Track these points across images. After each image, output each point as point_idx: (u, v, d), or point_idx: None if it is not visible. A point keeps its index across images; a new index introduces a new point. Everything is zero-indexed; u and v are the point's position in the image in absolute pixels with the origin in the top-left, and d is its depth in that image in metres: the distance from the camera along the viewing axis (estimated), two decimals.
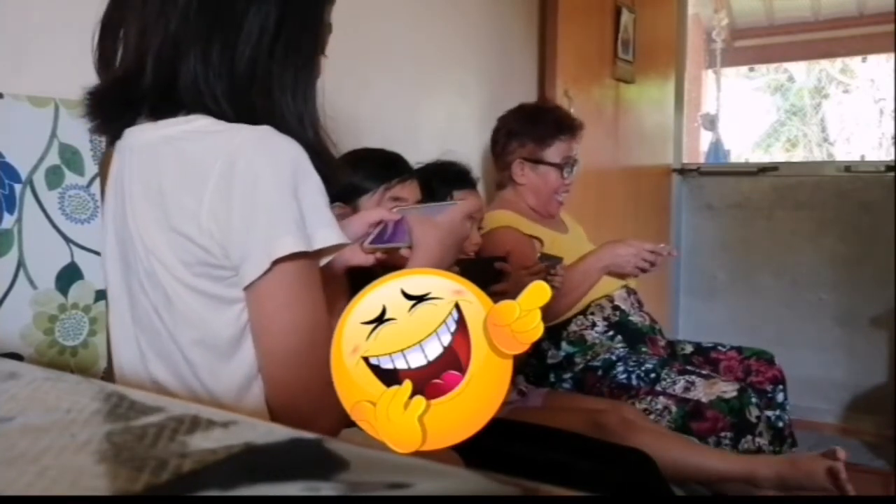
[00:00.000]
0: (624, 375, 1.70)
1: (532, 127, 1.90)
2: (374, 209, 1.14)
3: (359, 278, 1.30)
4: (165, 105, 0.78)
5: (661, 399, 1.63)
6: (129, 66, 0.79)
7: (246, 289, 0.74)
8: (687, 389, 1.62)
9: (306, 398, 0.76)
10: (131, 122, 0.82)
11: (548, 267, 1.57)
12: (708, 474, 1.45)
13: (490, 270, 1.38)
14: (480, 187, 2.07)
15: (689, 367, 1.69)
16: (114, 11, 0.82)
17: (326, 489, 0.37)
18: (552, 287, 1.61)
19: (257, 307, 0.75)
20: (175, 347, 0.79)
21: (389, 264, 1.22)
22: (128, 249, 0.82)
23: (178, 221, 0.74)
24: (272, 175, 0.72)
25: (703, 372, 1.68)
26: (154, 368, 0.82)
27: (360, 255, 1.05)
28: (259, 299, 0.74)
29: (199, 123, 0.77)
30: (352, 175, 1.33)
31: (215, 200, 0.72)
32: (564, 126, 1.91)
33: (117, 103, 0.81)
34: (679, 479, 1.45)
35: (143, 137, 0.80)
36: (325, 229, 0.74)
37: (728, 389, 1.59)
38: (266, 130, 0.75)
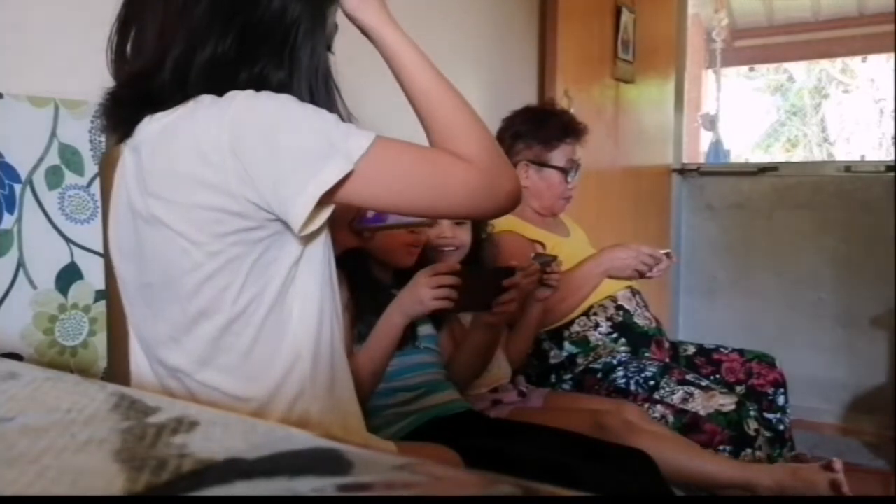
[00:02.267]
0: (623, 380, 1.70)
1: (539, 129, 1.90)
2: None
3: (356, 273, 1.31)
4: (176, 97, 0.79)
5: (659, 408, 1.62)
6: (147, 62, 0.80)
7: (300, 233, 0.76)
8: (685, 400, 1.61)
9: (470, 183, 0.82)
10: (141, 120, 0.83)
11: (542, 267, 1.56)
12: (708, 481, 1.45)
13: (494, 285, 1.35)
14: None
15: (688, 377, 1.69)
16: (130, 11, 0.83)
17: (326, 488, 0.37)
18: (549, 286, 1.61)
19: (368, 201, 0.81)
20: (204, 333, 0.80)
21: (377, 247, 1.22)
22: (145, 244, 0.82)
23: (205, 198, 0.75)
24: (280, 121, 0.74)
25: (703, 383, 1.67)
26: (176, 357, 0.82)
27: (350, 238, 1.06)
28: (369, 179, 0.78)
29: (196, 100, 0.78)
30: None
31: (236, 164, 0.73)
32: (570, 129, 1.91)
33: (133, 100, 0.82)
34: (676, 481, 1.44)
35: (151, 129, 0.81)
36: (353, 139, 0.76)
37: (726, 403, 1.59)
38: (251, 91, 0.76)
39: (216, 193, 0.74)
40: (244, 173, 0.73)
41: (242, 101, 0.75)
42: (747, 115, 6.41)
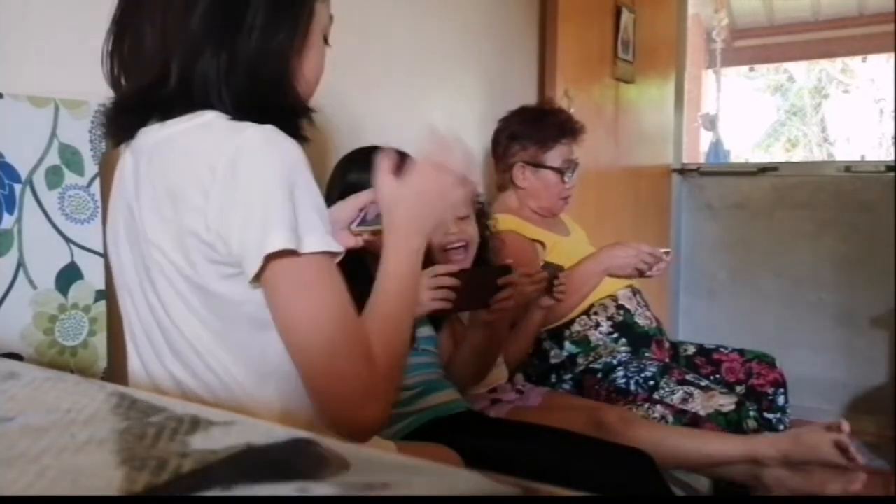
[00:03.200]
0: (623, 380, 1.70)
1: (534, 130, 1.90)
2: (362, 193, 1.14)
3: (356, 273, 1.30)
4: (181, 106, 0.79)
5: (659, 408, 1.62)
6: (153, 72, 0.79)
7: (254, 282, 0.75)
8: (685, 401, 1.61)
9: (349, 388, 0.76)
10: (144, 125, 0.83)
11: (550, 277, 1.56)
12: (710, 459, 1.42)
13: (492, 283, 1.35)
14: (480, 188, 2.07)
15: (688, 377, 1.69)
16: (127, 19, 0.82)
17: (325, 489, 0.37)
18: (555, 298, 1.60)
19: (271, 301, 0.76)
20: (188, 344, 0.80)
21: (376, 248, 1.22)
22: (139, 248, 0.82)
23: (187, 219, 0.75)
24: (272, 173, 0.73)
25: (702, 383, 1.67)
26: (171, 365, 0.82)
27: (349, 239, 1.06)
28: (270, 293, 0.75)
29: (205, 118, 0.78)
30: (360, 172, 1.33)
31: (220, 196, 0.73)
32: (566, 129, 1.91)
33: (139, 110, 0.82)
34: (681, 467, 1.42)
35: (152, 138, 0.81)
36: (313, 235, 0.74)
37: (726, 403, 1.58)
38: (270, 129, 0.75)
39: (195, 216, 0.74)
40: (222, 207, 0.73)
41: (251, 141, 0.74)
42: (747, 115, 6.41)
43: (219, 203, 0.73)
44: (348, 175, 1.36)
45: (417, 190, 0.88)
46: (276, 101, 0.80)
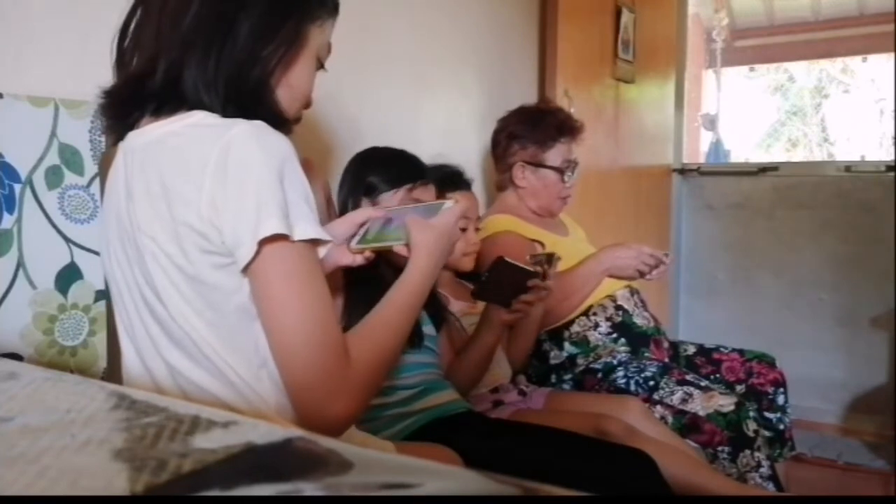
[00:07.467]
0: (623, 381, 1.70)
1: (533, 130, 1.90)
2: (360, 209, 1.15)
3: (359, 277, 1.30)
4: (169, 104, 0.82)
5: (659, 408, 1.62)
6: (144, 66, 0.83)
7: (245, 272, 0.77)
8: (684, 401, 1.62)
9: (319, 378, 0.78)
10: (136, 123, 0.86)
11: (536, 267, 1.56)
12: (703, 489, 1.43)
13: (523, 283, 1.37)
14: (480, 188, 2.07)
15: (687, 378, 1.68)
16: (132, 17, 0.86)
17: (324, 490, 0.37)
18: (547, 275, 1.60)
19: (257, 289, 0.78)
20: (184, 334, 0.81)
21: (381, 260, 1.22)
22: (131, 245, 0.84)
23: (180, 212, 0.77)
24: (263, 164, 0.75)
25: (702, 383, 1.67)
26: (169, 355, 0.83)
27: (347, 256, 1.06)
28: (257, 281, 0.77)
29: (196, 118, 0.81)
30: (375, 172, 1.37)
31: (213, 187, 0.75)
32: (565, 128, 1.91)
33: (129, 101, 0.85)
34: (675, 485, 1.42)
35: (144, 137, 0.84)
36: (304, 223, 0.76)
37: (725, 403, 1.58)
38: (259, 124, 0.78)
39: (188, 208, 0.76)
40: (215, 198, 0.75)
41: (241, 135, 0.76)
42: (747, 115, 6.41)
43: (211, 194, 0.75)
44: (369, 177, 1.37)
45: (443, 230, 1.00)
46: (257, 110, 0.82)
